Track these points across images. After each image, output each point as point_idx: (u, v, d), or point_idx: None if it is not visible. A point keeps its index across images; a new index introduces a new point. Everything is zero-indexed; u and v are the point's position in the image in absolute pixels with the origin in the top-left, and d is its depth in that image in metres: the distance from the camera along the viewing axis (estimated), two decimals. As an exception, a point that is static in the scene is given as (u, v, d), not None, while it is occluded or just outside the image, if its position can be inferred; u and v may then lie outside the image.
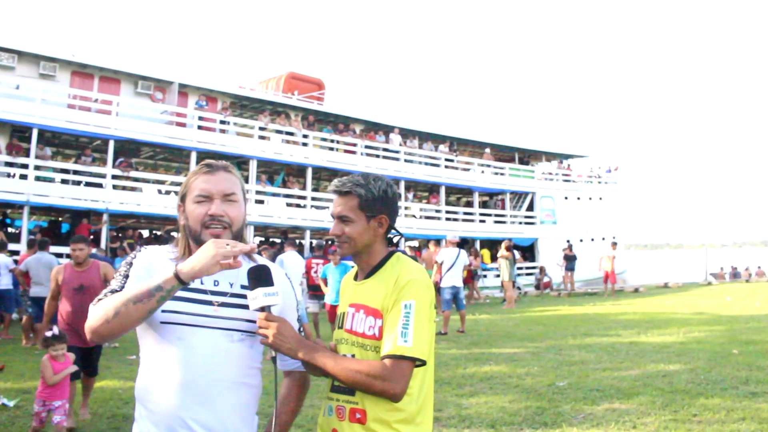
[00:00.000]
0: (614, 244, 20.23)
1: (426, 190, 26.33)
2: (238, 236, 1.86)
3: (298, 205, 20.68)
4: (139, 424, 1.78)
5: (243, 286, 1.81)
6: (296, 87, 23.04)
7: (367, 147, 22.46)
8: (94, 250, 8.49)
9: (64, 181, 16.69)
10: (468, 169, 25.71)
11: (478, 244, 23.42)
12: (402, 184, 22.57)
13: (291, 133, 20.89)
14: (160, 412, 1.73)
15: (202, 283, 1.79)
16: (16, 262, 11.27)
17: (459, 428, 4.96)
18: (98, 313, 1.68)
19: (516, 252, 19.47)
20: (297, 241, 10.32)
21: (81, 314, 4.91)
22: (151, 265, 1.81)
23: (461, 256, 11.18)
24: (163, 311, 1.73)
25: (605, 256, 19.25)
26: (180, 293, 1.73)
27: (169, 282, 1.63)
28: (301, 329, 1.98)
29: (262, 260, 1.92)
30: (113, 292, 1.74)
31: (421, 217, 24.02)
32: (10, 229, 17.65)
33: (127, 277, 1.79)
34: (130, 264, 1.83)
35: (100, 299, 1.74)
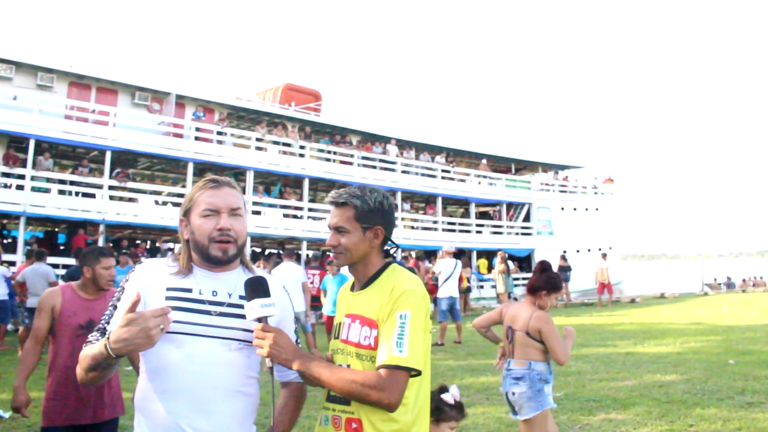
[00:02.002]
0: (604, 255, 20.30)
1: (423, 201, 26.36)
2: (242, 250, 1.91)
3: (294, 216, 20.67)
4: None
5: (241, 297, 1.83)
6: (293, 98, 23.11)
7: (363, 158, 22.50)
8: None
9: (60, 192, 16.68)
10: (464, 180, 25.77)
11: (474, 255, 23.41)
12: (399, 195, 22.60)
13: (288, 144, 20.93)
14: (158, 420, 1.75)
15: (201, 293, 1.82)
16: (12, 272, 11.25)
17: (455, 439, 4.95)
18: (78, 365, 1.74)
19: (511, 263, 19.48)
20: (295, 251, 10.19)
21: None
22: (144, 286, 1.82)
23: (458, 267, 11.21)
24: None
25: (599, 268, 19.30)
26: (179, 303, 1.78)
27: (111, 360, 1.63)
28: (298, 340, 2.00)
29: (259, 271, 1.94)
30: (99, 330, 1.80)
31: (417, 228, 24.03)
32: (5, 240, 17.62)
33: (115, 308, 1.82)
34: (122, 290, 1.86)
35: (88, 341, 1.79)
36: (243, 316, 1.80)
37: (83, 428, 3.33)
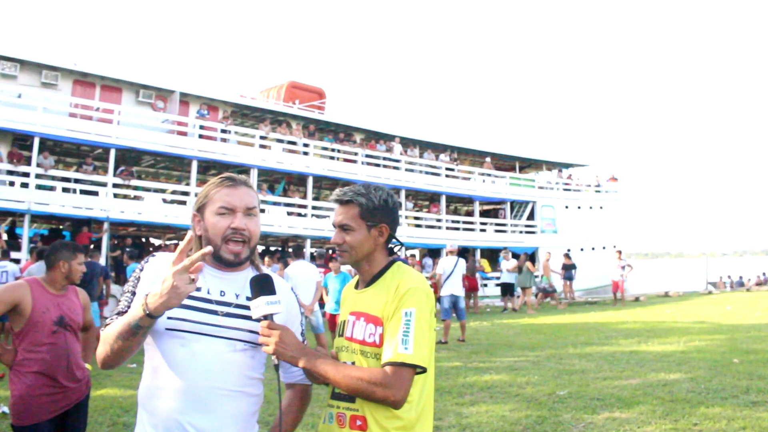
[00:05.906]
0: (619, 252, 20.35)
1: (427, 200, 26.34)
2: (253, 251, 1.91)
3: (299, 214, 20.68)
4: (139, 428, 1.81)
5: (248, 298, 1.83)
6: (297, 96, 23.10)
7: (367, 156, 22.49)
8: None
9: (65, 190, 16.72)
10: (468, 179, 25.74)
11: (478, 253, 23.37)
12: (403, 193, 22.59)
13: (292, 142, 20.92)
14: (159, 416, 1.76)
15: (209, 293, 1.83)
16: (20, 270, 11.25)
17: (459, 437, 4.95)
18: (103, 345, 1.76)
19: (515, 260, 19.47)
20: (303, 249, 9.96)
21: (67, 361, 3.37)
22: (158, 278, 1.81)
23: (459, 265, 11.14)
24: (169, 318, 1.76)
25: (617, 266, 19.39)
26: (186, 301, 1.75)
27: (144, 320, 1.65)
28: (305, 339, 2.00)
29: (266, 270, 1.94)
30: (120, 313, 1.80)
31: (421, 226, 24.01)
32: (6, 237, 17.67)
33: (134, 294, 1.83)
34: (138, 279, 1.86)
35: (107, 323, 1.80)
36: (250, 317, 1.80)
37: (64, 415, 3.35)
